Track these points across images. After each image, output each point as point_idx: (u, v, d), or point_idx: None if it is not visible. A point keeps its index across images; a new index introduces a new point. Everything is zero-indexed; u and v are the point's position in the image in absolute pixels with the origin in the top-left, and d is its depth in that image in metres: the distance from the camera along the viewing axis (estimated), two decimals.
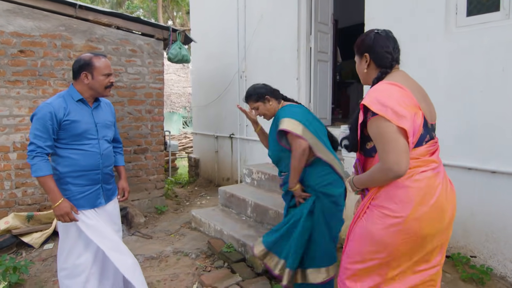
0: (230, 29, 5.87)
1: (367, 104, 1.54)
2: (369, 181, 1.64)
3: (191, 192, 6.23)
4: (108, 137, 2.43)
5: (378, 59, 1.69)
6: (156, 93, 4.73)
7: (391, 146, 1.48)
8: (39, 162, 2.13)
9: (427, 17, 3.34)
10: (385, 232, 1.58)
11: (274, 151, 2.63)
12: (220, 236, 3.69)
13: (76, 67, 2.28)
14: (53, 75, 4.10)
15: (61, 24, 4.10)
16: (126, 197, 2.64)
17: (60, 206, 2.16)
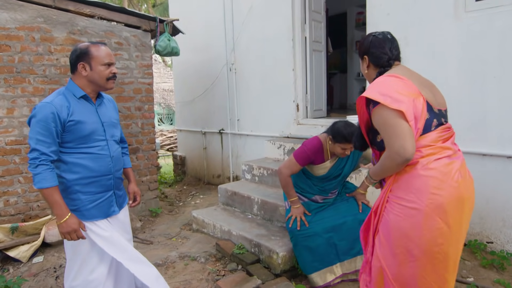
0: (216, 20, 5.63)
1: (367, 95, 1.61)
2: (382, 171, 1.67)
3: (180, 192, 5.97)
4: (116, 137, 2.20)
5: (375, 60, 1.80)
6: (146, 88, 4.44)
7: (393, 130, 1.53)
8: (44, 172, 1.85)
9: (434, 2, 3.28)
10: (407, 223, 1.57)
11: (348, 174, 2.94)
12: (229, 237, 3.50)
13: (72, 58, 2.00)
14: (32, 71, 3.72)
15: (39, 15, 3.72)
16: (138, 202, 2.42)
17: (67, 223, 1.90)
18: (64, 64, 3.88)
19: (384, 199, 1.68)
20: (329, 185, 2.89)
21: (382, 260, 1.68)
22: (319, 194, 2.94)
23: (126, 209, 2.32)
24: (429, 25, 3.30)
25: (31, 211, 3.78)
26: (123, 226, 2.24)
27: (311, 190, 2.93)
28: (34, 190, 3.78)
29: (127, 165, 2.40)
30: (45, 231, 3.65)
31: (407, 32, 3.44)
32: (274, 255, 2.97)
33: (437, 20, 3.26)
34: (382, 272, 1.69)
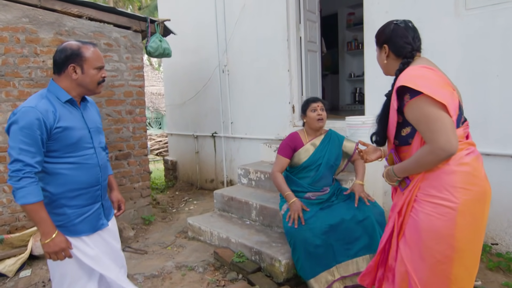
0: (208, 21, 5.50)
1: (410, 85, 1.50)
2: (416, 167, 1.57)
3: (172, 198, 5.80)
4: (102, 144, 2.03)
5: (397, 50, 1.70)
6: (137, 91, 4.28)
7: (438, 124, 1.45)
8: (29, 186, 1.64)
9: (433, 1, 3.22)
10: (441, 222, 1.51)
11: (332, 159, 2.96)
12: (227, 244, 3.37)
13: (61, 58, 1.79)
14: (17, 74, 3.53)
15: (24, 15, 3.54)
16: (123, 210, 2.27)
17: (55, 241, 1.71)
18: (51, 67, 3.68)
19: (411, 198, 1.60)
20: (316, 175, 2.87)
21: (408, 264, 1.58)
22: (310, 191, 2.90)
23: (114, 218, 2.17)
24: (429, 23, 3.24)
25: (17, 222, 3.58)
26: (114, 236, 2.10)
27: (302, 188, 2.89)
28: None
29: (109, 172, 2.19)
30: (33, 243, 3.46)
31: None
32: (277, 263, 2.86)
33: (437, 18, 3.20)
34: (407, 277, 1.59)
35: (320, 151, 2.88)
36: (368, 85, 3.82)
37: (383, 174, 1.77)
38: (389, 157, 1.77)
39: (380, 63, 1.80)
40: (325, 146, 2.90)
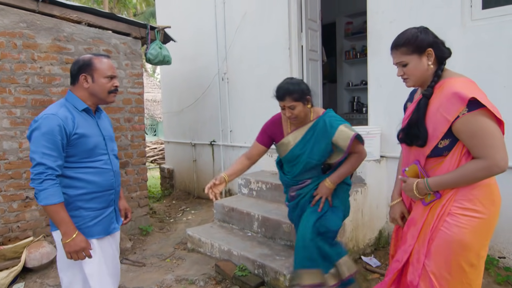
0: (207, 28, 5.45)
1: (479, 98, 1.46)
2: (461, 181, 1.54)
3: (169, 207, 5.69)
4: (115, 151, 2.16)
5: (441, 53, 1.65)
6: (136, 98, 4.19)
7: (496, 141, 1.46)
8: (51, 187, 1.77)
9: (439, 10, 3.20)
10: (472, 234, 1.53)
11: (316, 158, 2.36)
12: (229, 257, 3.27)
13: (74, 69, 1.96)
14: (14, 80, 3.43)
15: (21, 20, 3.45)
16: (129, 219, 2.34)
17: (75, 241, 1.82)
18: (49, 73, 3.61)
19: (445, 212, 1.57)
20: (296, 168, 2.41)
21: (435, 280, 1.57)
22: (291, 185, 2.54)
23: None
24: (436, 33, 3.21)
25: (10, 233, 3.45)
26: (116, 243, 2.18)
27: (285, 182, 2.57)
28: (13, 209, 3.46)
29: None
30: (26, 254, 3.34)
31: None
32: (281, 277, 2.77)
33: (443, 28, 3.17)
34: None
35: (300, 147, 2.35)
36: (372, 94, 3.78)
37: (411, 188, 1.66)
38: (410, 170, 1.70)
39: (419, 71, 1.64)
40: (308, 141, 2.34)
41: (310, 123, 2.35)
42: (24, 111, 3.50)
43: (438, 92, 1.58)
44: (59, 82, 3.67)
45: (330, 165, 2.43)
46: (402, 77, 1.70)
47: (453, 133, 1.53)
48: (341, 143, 2.27)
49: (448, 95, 1.52)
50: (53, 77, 3.64)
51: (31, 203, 3.55)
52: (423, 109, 1.62)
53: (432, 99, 1.59)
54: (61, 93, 3.68)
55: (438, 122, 1.55)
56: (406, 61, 1.64)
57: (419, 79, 1.66)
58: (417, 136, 1.61)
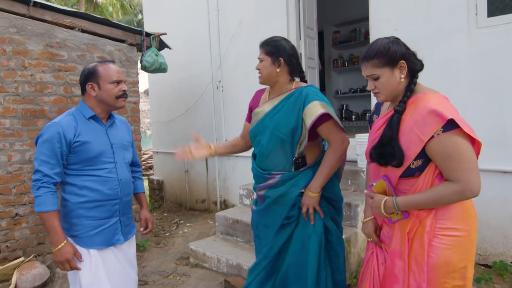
0: (200, 35, 5.33)
1: (455, 118, 1.36)
2: (433, 203, 1.45)
3: (161, 220, 5.47)
4: (127, 160, 2.09)
5: (414, 65, 1.54)
6: (131, 107, 4.01)
7: (472, 164, 1.39)
8: (45, 195, 1.80)
9: (445, 17, 3.23)
10: (456, 254, 1.46)
11: (282, 131, 1.96)
12: (238, 272, 3.13)
13: (81, 79, 1.97)
14: (2, 89, 3.20)
15: (11, 24, 3.24)
16: (150, 229, 2.27)
17: (61, 251, 1.81)
18: (40, 81, 3.39)
19: (431, 235, 1.47)
20: (261, 146, 2.03)
21: None
22: (260, 177, 2.10)
23: (133, 240, 2.16)
24: (441, 41, 3.24)
25: None
26: (129, 259, 2.09)
27: (253, 172, 2.16)
28: (2, 228, 3.21)
29: (139, 190, 2.28)
30: (17, 276, 3.09)
31: (416, 48, 3.33)
32: None
33: (449, 36, 3.20)
34: None
35: (270, 116, 2.02)
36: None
37: (378, 205, 1.55)
38: (378, 185, 1.58)
39: (391, 85, 1.52)
40: (278, 111, 2.01)
41: (287, 92, 2.04)
42: (14, 122, 3.26)
43: (412, 108, 1.47)
44: (51, 91, 3.45)
45: (304, 159, 2.02)
46: (373, 91, 1.57)
47: (426, 153, 1.44)
48: (306, 119, 1.90)
49: (424, 113, 1.42)
50: (45, 85, 3.42)
51: (21, 221, 3.30)
52: (396, 126, 1.49)
53: (405, 115, 1.48)
54: (53, 102, 3.46)
55: (412, 141, 1.44)
56: (378, 74, 1.52)
57: (391, 93, 1.54)
58: (392, 156, 1.48)
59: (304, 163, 2.02)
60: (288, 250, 2.03)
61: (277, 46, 2.02)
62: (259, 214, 2.13)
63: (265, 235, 2.10)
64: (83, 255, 1.89)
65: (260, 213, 2.12)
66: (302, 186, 2.00)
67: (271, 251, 2.04)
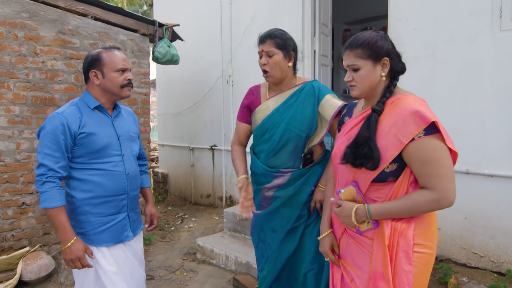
0: (212, 29, 5.25)
1: (437, 122, 1.29)
2: (407, 213, 1.35)
3: (165, 213, 5.42)
4: (134, 152, 2.00)
5: (396, 65, 1.43)
6: (142, 99, 3.95)
7: (449, 172, 1.31)
8: (51, 190, 1.70)
9: (468, 19, 3.15)
10: (424, 272, 1.38)
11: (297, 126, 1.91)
12: (247, 270, 3.08)
13: (84, 66, 1.86)
14: (13, 75, 3.13)
15: (24, 9, 3.16)
16: (155, 225, 2.20)
17: (71, 248, 1.71)
18: (51, 68, 3.32)
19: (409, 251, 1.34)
20: (270, 144, 1.95)
21: None
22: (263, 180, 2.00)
23: (141, 235, 2.09)
24: (462, 42, 3.17)
25: (4, 243, 3.13)
26: (137, 255, 2.02)
27: (256, 171, 2.04)
28: (8, 216, 3.15)
29: (145, 184, 2.19)
30: (22, 266, 3.04)
31: (435, 49, 3.29)
32: None
33: (472, 37, 3.13)
34: None
35: (281, 112, 1.95)
36: None
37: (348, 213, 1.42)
38: (347, 192, 1.45)
39: (370, 81, 1.41)
40: (290, 106, 1.94)
41: (295, 87, 1.98)
42: (24, 109, 3.20)
43: (390, 109, 1.38)
44: (62, 79, 3.38)
45: (312, 155, 1.97)
46: (350, 83, 1.46)
47: (403, 157, 1.34)
48: (326, 111, 1.89)
49: (405, 114, 1.32)
50: (56, 72, 3.36)
51: (27, 210, 3.24)
52: (374, 126, 1.37)
53: (383, 116, 1.38)
54: (64, 90, 3.40)
55: (390, 143, 1.33)
56: (359, 65, 1.41)
57: (367, 89, 1.43)
58: (369, 157, 1.34)
59: (312, 159, 1.98)
60: (302, 252, 1.97)
61: (287, 39, 1.93)
62: (265, 217, 2.02)
63: (272, 240, 2.00)
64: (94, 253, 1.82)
65: (266, 216, 2.02)
66: (312, 184, 1.95)
67: (281, 258, 1.97)
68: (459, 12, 3.20)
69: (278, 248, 1.98)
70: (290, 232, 1.96)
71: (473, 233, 3.05)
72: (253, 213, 2.07)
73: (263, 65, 1.92)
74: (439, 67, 3.26)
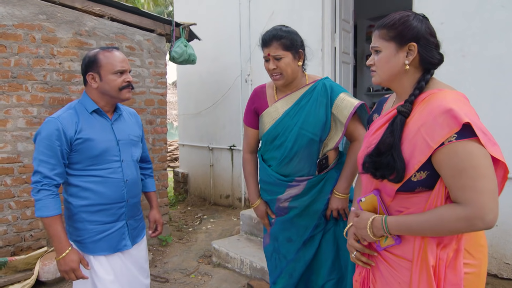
0: (230, 27, 5.19)
1: (472, 123, 1.03)
2: (428, 229, 1.10)
3: (184, 213, 5.41)
4: (135, 157, 1.90)
5: (428, 55, 1.18)
6: (158, 99, 3.92)
7: (489, 185, 1.04)
8: (46, 198, 1.63)
9: (499, 10, 2.93)
10: None
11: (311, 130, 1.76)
12: (262, 276, 2.99)
13: (82, 69, 1.79)
14: (31, 77, 3.16)
15: (41, 11, 3.19)
16: (159, 232, 2.10)
17: (65, 259, 1.65)
18: (68, 70, 3.34)
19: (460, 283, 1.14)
20: (283, 150, 1.81)
21: None
22: (276, 190, 1.86)
23: (144, 242, 1.99)
24: (493, 36, 2.95)
25: (23, 242, 3.18)
26: (138, 263, 1.93)
27: (267, 180, 1.89)
28: (26, 217, 3.19)
29: (150, 189, 2.10)
30: (40, 266, 3.07)
31: (464, 44, 3.08)
32: None
33: (503, 30, 2.91)
34: None
35: (292, 115, 1.80)
36: None
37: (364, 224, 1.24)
38: (367, 201, 1.27)
39: (388, 67, 1.22)
40: (302, 108, 1.79)
41: (305, 87, 1.83)
42: (41, 110, 3.23)
43: (421, 107, 1.15)
44: (79, 80, 3.40)
45: (327, 160, 1.84)
46: (371, 68, 1.27)
47: (433, 164, 1.12)
48: (341, 113, 1.74)
49: (436, 112, 1.09)
50: (73, 74, 3.37)
51: None
52: (398, 130, 1.16)
53: (411, 116, 1.17)
54: (81, 92, 3.41)
55: (417, 147, 1.11)
56: (380, 47, 1.22)
57: (387, 76, 1.23)
58: (391, 168, 1.14)
59: (327, 164, 1.85)
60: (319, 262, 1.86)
61: (293, 38, 1.77)
62: (280, 225, 1.90)
63: (287, 250, 1.88)
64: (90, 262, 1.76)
65: (281, 225, 1.89)
66: (329, 191, 1.83)
67: (297, 268, 1.86)
68: (489, 3, 2.98)
69: (294, 259, 1.87)
70: (308, 241, 1.86)
71: (505, 241, 2.83)
72: (271, 219, 1.97)
73: (272, 71, 1.78)
74: (467, 63, 3.05)
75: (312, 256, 1.85)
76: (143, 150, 2.01)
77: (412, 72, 1.21)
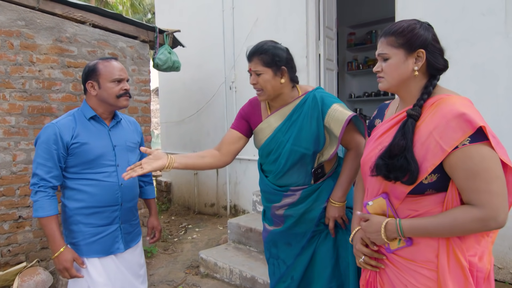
0: (213, 34, 5.16)
1: (486, 128, 1.09)
2: (444, 230, 1.14)
3: (168, 223, 5.29)
4: (132, 163, 1.92)
5: (434, 60, 1.24)
6: (142, 107, 3.84)
7: (501, 187, 1.11)
8: (42, 199, 1.74)
9: (480, 18, 3.02)
10: None
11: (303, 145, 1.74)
12: (252, 285, 2.94)
13: (82, 78, 1.90)
14: (9, 85, 3.04)
15: (19, 17, 3.08)
16: (157, 238, 2.19)
17: (59, 258, 1.74)
18: (48, 77, 3.23)
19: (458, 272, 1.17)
20: (277, 165, 1.80)
21: None
22: (273, 199, 1.88)
23: (139, 246, 2.05)
24: (476, 43, 3.03)
25: (0, 258, 3.02)
26: (132, 268, 1.97)
27: (265, 189, 1.92)
28: (4, 231, 3.05)
29: (149, 196, 2.20)
30: (19, 283, 2.92)
31: (449, 51, 3.13)
32: None
33: (485, 38, 2.99)
34: None
35: (283, 131, 1.79)
36: None
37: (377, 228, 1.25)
38: (375, 205, 1.29)
39: (400, 73, 1.25)
40: (293, 123, 1.77)
41: (296, 100, 1.78)
42: (20, 119, 3.10)
43: (431, 111, 1.20)
44: (59, 88, 3.29)
45: (323, 169, 1.83)
46: (378, 74, 1.31)
47: (444, 167, 1.15)
48: (333, 126, 1.69)
49: (449, 116, 1.13)
50: (53, 81, 3.26)
51: (24, 224, 3.14)
52: (410, 133, 1.19)
53: (421, 119, 1.21)
54: (62, 100, 3.30)
55: (430, 151, 1.15)
56: (389, 54, 1.25)
57: (396, 82, 1.27)
58: (405, 170, 1.16)
59: (323, 173, 1.84)
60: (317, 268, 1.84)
61: (275, 54, 1.71)
62: (279, 234, 1.90)
63: (286, 255, 1.89)
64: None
65: (280, 234, 1.90)
66: (325, 199, 1.82)
67: (297, 272, 1.85)
68: (471, 11, 3.06)
69: (293, 264, 1.87)
70: (306, 244, 1.86)
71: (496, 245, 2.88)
72: (265, 228, 1.98)
73: (253, 85, 1.76)
74: (452, 70, 3.11)
75: (310, 257, 1.84)
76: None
77: (419, 78, 1.26)
